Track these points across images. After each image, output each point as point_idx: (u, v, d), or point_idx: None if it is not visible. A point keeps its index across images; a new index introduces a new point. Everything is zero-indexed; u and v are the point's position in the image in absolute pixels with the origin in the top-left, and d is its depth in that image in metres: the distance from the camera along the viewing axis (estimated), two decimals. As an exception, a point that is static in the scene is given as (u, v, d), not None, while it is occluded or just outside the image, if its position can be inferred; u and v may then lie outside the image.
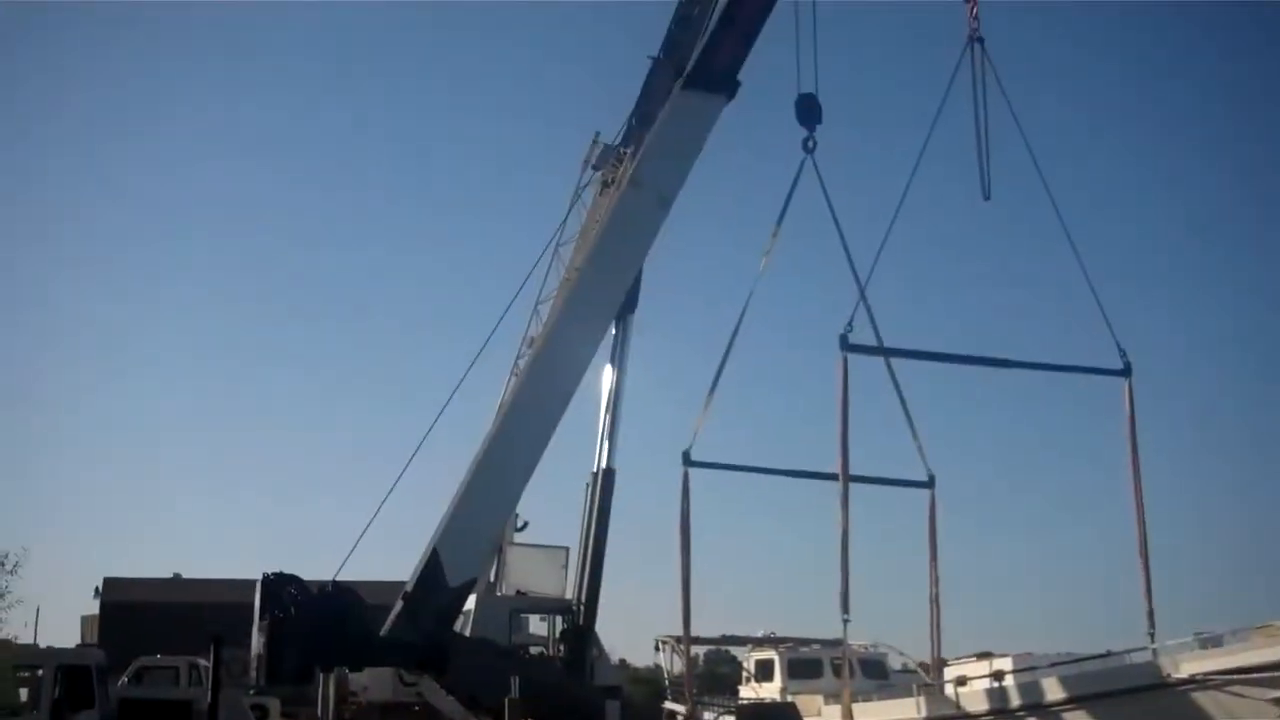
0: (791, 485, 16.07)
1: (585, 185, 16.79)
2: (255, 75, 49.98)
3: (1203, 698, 11.04)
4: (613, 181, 15.94)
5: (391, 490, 14.90)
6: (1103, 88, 44.14)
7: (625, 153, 16.03)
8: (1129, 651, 13.16)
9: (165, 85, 49.31)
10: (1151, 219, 42.37)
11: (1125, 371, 13.85)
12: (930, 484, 15.12)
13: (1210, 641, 11.53)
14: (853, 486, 13.72)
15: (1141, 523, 13.42)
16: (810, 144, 14.94)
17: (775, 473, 16.00)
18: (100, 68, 48.68)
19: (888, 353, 14.64)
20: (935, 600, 14.76)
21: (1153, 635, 12.82)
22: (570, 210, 16.86)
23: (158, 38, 46.79)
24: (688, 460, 14.22)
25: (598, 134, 16.89)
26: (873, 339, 14.41)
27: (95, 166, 49.85)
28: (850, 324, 13.58)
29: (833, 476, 13.48)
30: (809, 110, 15.00)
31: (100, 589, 32.36)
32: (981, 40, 14.57)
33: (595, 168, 15.95)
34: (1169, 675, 11.21)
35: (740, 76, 14.37)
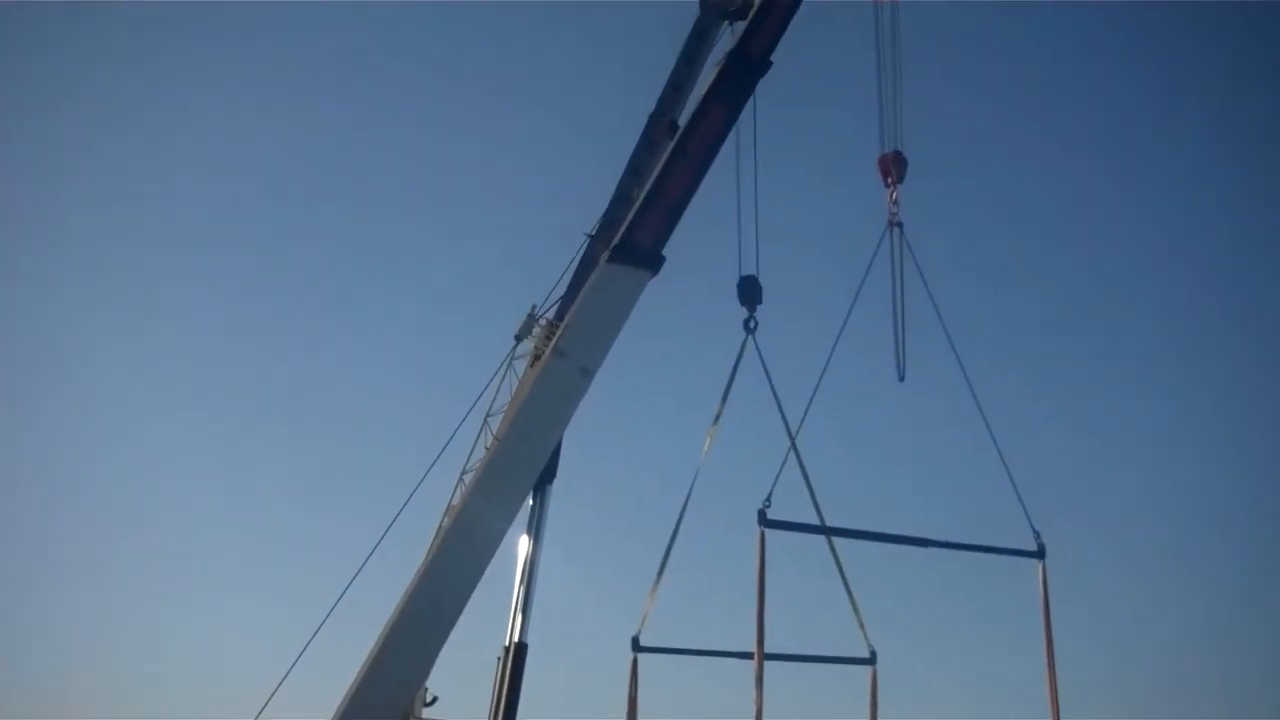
0: (728, 662, 15.82)
1: (517, 356, 16.83)
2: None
3: None
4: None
5: (295, 662, 14.47)
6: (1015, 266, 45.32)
7: (557, 325, 16.14)
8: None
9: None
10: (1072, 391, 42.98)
11: (1039, 553, 13.95)
12: (872, 660, 14.91)
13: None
14: (793, 668, 13.72)
15: (1055, 710, 13.33)
16: (751, 324, 15.24)
17: (696, 653, 15.72)
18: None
19: (807, 529, 14.60)
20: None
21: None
22: (501, 380, 16.84)
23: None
24: (636, 646, 14.12)
25: (534, 306, 17.04)
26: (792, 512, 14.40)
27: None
28: (768, 499, 13.60)
29: (750, 656, 13.31)
30: (750, 292, 15.31)
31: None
32: (900, 225, 15.08)
33: (517, 338, 16.00)
34: None
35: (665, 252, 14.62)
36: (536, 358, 16.29)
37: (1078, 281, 43.48)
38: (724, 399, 14.95)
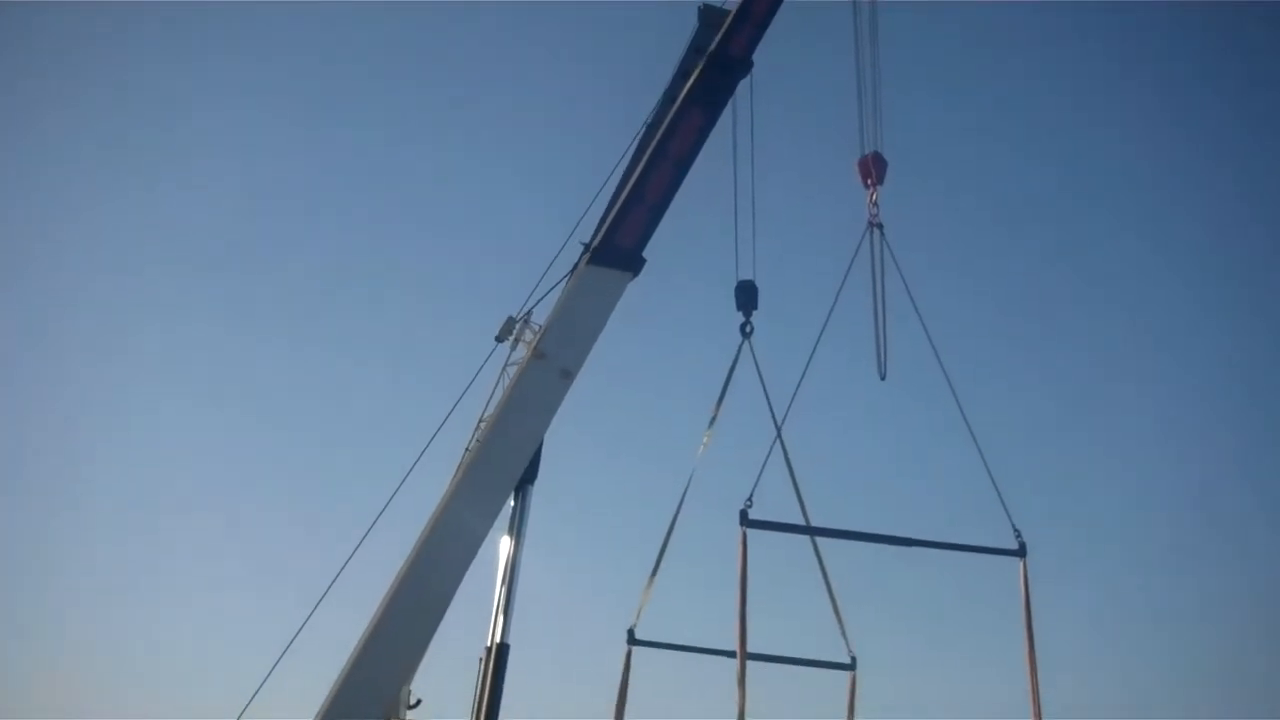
0: (711, 662, 15.83)
1: (511, 363, 16.73)
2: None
3: None
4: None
5: (278, 661, 14.47)
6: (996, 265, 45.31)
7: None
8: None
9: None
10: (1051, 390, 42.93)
11: (1020, 551, 13.93)
12: (852, 666, 14.92)
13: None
14: (777, 667, 13.82)
15: (1037, 710, 13.30)
16: (748, 329, 15.27)
17: (686, 649, 15.67)
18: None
19: (788, 529, 14.61)
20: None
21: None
22: (495, 387, 16.75)
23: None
24: (632, 639, 14.25)
25: (531, 312, 16.95)
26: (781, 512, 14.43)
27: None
28: (750, 499, 13.63)
29: (733, 654, 13.31)
30: (747, 297, 15.33)
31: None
32: (880, 226, 15.12)
33: (499, 339, 15.92)
34: None
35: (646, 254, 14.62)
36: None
37: (1064, 278, 43.53)
38: (719, 403, 15.02)
